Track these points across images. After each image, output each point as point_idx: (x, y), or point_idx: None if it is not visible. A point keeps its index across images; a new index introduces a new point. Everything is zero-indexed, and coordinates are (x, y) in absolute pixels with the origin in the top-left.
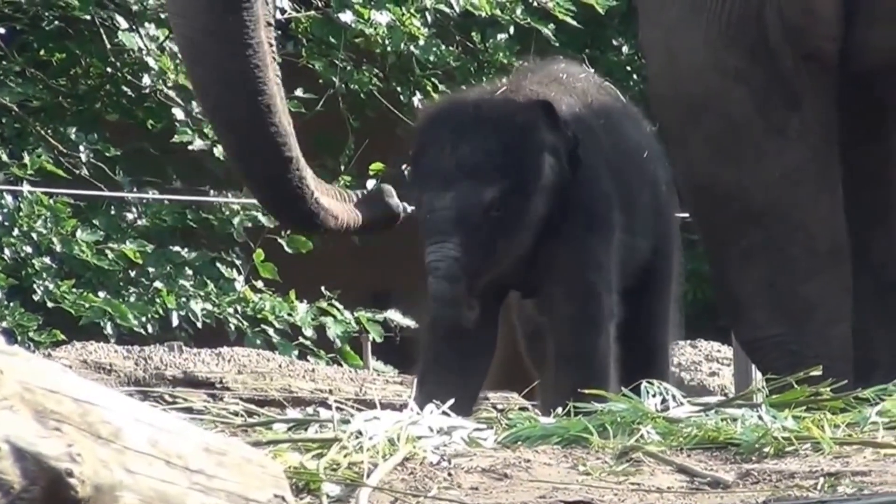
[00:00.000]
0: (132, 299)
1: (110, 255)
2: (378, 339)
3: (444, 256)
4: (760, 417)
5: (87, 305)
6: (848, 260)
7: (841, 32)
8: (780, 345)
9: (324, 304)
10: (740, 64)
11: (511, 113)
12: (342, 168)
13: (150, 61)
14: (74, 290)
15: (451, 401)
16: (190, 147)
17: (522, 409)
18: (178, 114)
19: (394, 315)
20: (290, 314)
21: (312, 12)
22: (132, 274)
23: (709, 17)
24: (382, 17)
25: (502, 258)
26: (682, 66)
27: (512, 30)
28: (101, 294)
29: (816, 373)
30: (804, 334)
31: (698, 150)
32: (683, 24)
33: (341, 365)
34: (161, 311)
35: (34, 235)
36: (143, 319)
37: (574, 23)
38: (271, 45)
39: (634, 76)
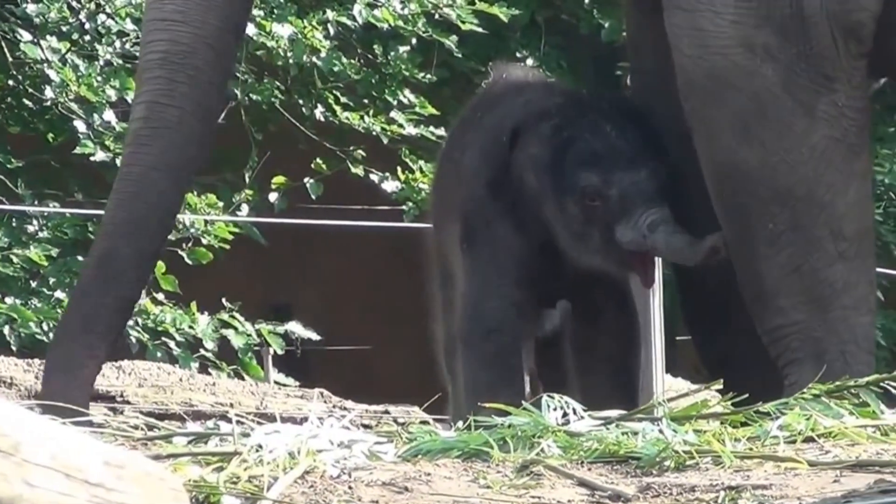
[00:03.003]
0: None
1: (15, 260)
2: (279, 352)
3: (668, 215)
4: (661, 431)
5: None
6: (873, 251)
7: (878, 10)
8: (804, 332)
9: (225, 317)
10: (770, 40)
11: (636, 106)
12: (245, 181)
13: (52, 74)
14: None
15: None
16: (92, 159)
17: (423, 422)
18: (80, 126)
19: (295, 327)
20: (191, 326)
21: None
22: (33, 284)
23: None
24: (284, 30)
25: None
26: (710, 44)
27: (414, 42)
28: (9, 300)
29: (717, 387)
30: (828, 320)
31: (723, 132)
32: (712, 1)
33: (243, 378)
34: None
35: None
36: (45, 327)
37: (480, 29)
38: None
39: None
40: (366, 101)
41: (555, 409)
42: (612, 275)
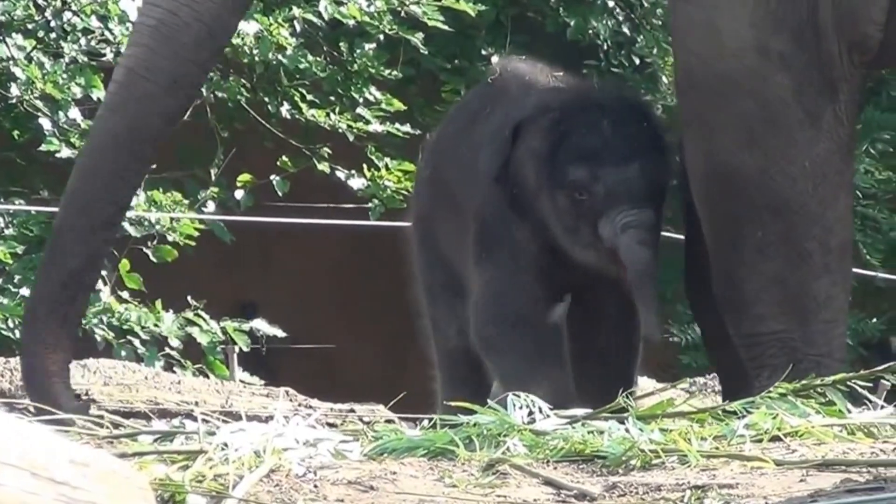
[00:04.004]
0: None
1: None
2: (245, 349)
3: (649, 218)
4: (627, 430)
5: None
6: (851, 260)
7: (884, 21)
8: (783, 341)
9: (190, 314)
10: (784, 47)
11: (641, 103)
12: (212, 178)
13: (18, 71)
14: None
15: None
16: (57, 156)
17: (389, 421)
18: (45, 124)
19: (260, 324)
20: (156, 324)
21: None
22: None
23: None
24: (250, 27)
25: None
26: (724, 45)
27: (381, 39)
28: None
29: (683, 385)
30: (809, 332)
31: (726, 134)
32: (730, 1)
33: (208, 376)
34: None
35: None
36: (11, 324)
37: (446, 27)
38: None
39: None
40: (332, 98)
41: (520, 408)
42: (607, 271)
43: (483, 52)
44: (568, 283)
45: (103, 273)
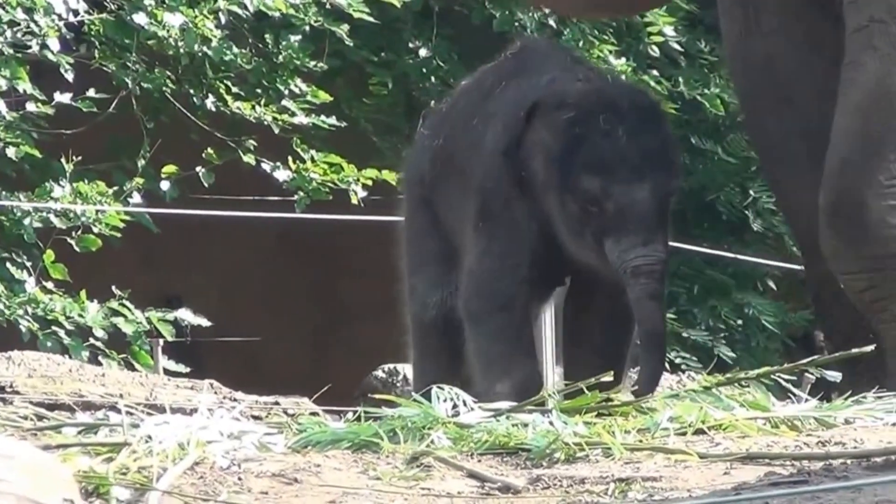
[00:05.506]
0: None
1: None
2: (169, 338)
3: (658, 260)
4: (551, 423)
5: None
6: None
7: None
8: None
9: (115, 304)
10: None
11: (656, 104)
12: (139, 169)
13: None
14: None
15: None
16: None
17: (313, 413)
18: None
19: (185, 314)
20: (81, 315)
21: (105, 14)
22: None
23: None
24: (175, 19)
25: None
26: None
27: (307, 30)
28: None
29: (608, 378)
30: None
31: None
32: None
33: (133, 368)
34: None
35: None
36: None
37: (371, 19)
38: None
39: (432, 78)
40: (257, 90)
41: (445, 401)
42: (605, 272)
43: (410, 45)
44: (564, 267)
45: (27, 264)
